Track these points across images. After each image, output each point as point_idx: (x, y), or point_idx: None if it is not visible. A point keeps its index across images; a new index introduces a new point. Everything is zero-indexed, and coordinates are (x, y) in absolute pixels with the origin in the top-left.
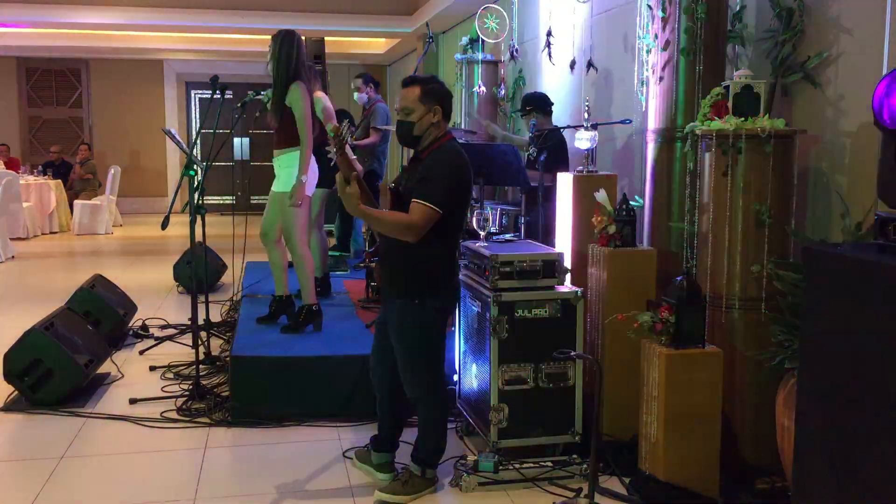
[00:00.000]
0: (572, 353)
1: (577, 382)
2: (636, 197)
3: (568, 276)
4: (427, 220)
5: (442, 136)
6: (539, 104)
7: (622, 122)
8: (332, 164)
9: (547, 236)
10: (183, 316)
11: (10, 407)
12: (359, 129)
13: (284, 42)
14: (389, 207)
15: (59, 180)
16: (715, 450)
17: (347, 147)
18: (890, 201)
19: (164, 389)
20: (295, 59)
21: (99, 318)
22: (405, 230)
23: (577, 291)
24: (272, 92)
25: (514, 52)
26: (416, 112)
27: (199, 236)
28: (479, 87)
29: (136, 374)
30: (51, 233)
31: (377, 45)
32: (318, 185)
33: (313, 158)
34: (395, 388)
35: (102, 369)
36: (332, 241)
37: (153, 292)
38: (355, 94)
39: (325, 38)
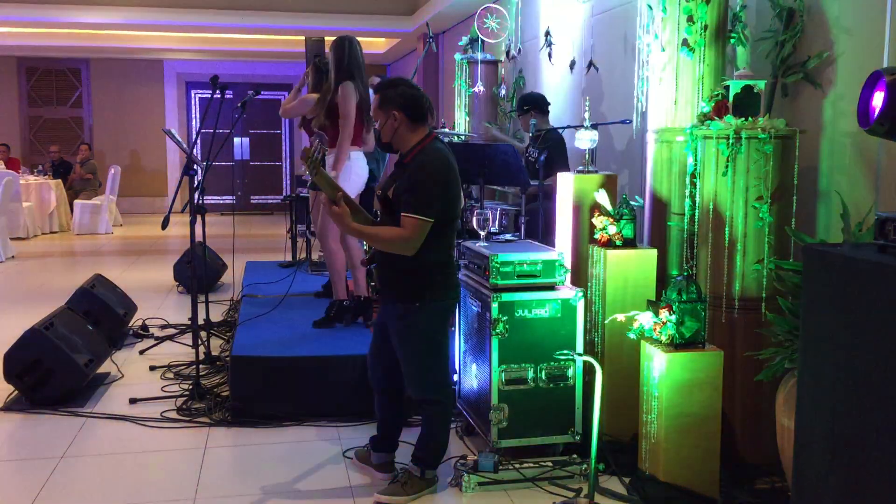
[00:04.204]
0: (572, 353)
1: (577, 382)
2: (636, 197)
3: (568, 276)
4: (420, 233)
5: (424, 139)
6: (537, 104)
7: (622, 122)
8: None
9: (547, 236)
10: (183, 316)
11: (10, 407)
12: None
13: (336, 47)
14: (380, 213)
15: (59, 180)
16: (715, 450)
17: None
18: None
19: (164, 389)
20: (346, 60)
21: (99, 318)
22: (401, 245)
23: (577, 291)
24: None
25: (515, 53)
26: (378, 121)
27: (199, 236)
28: (479, 87)
29: (136, 374)
30: (51, 233)
31: (377, 45)
32: None
33: (361, 160)
34: (394, 389)
35: (102, 369)
36: None
37: (153, 292)
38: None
39: (326, 38)
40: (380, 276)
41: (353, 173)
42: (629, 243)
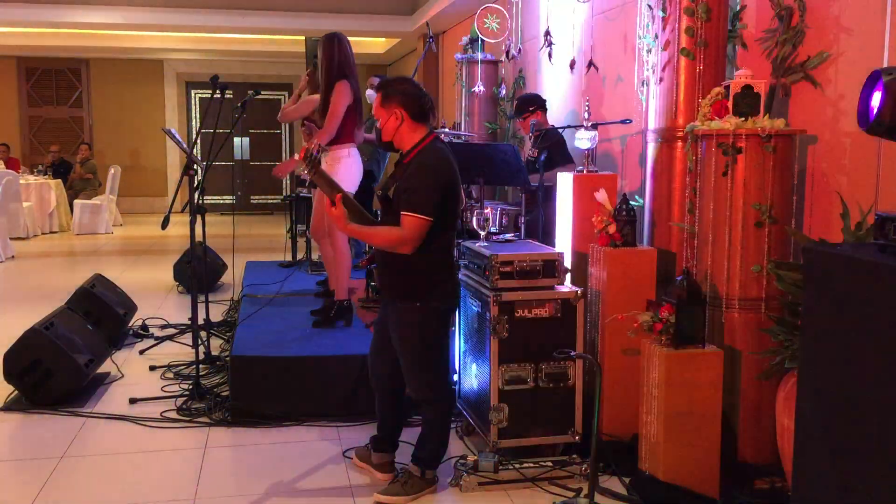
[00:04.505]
0: (572, 353)
1: (577, 382)
2: (636, 197)
3: (568, 276)
4: (419, 232)
5: (424, 138)
6: (538, 103)
7: (622, 122)
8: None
9: (547, 236)
10: (183, 316)
11: (10, 407)
12: (364, 125)
13: (325, 45)
14: (380, 213)
15: (59, 180)
16: (715, 450)
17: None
18: None
19: (164, 389)
20: (336, 58)
21: (99, 318)
22: (399, 244)
23: (577, 291)
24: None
25: (515, 53)
26: (380, 119)
27: (199, 236)
28: (479, 87)
29: (136, 374)
30: (51, 233)
31: (377, 45)
32: None
33: (357, 157)
34: (395, 388)
35: (102, 369)
36: None
37: (153, 292)
38: (368, 91)
39: None
40: (380, 277)
41: (354, 170)
42: (629, 243)
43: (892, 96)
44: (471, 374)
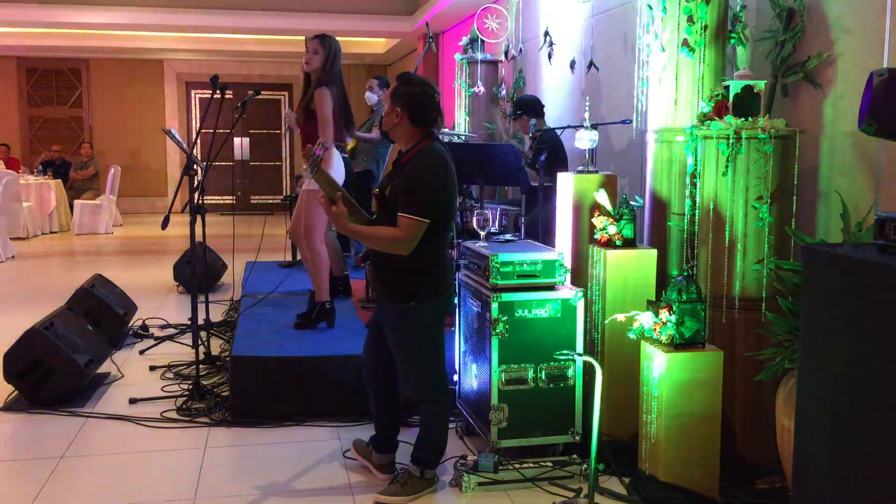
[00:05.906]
0: (572, 353)
1: (577, 382)
2: (636, 197)
3: (568, 276)
4: (416, 233)
5: (423, 139)
6: (529, 107)
7: (622, 122)
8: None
9: (547, 236)
10: (183, 316)
11: (10, 407)
12: (363, 127)
13: (328, 46)
14: (376, 212)
15: (59, 180)
16: (715, 450)
17: (335, 164)
18: None
19: (164, 389)
20: (330, 66)
21: (99, 318)
22: (396, 246)
23: (577, 291)
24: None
25: (515, 53)
26: (386, 107)
27: (199, 236)
28: (479, 87)
29: (136, 374)
30: (51, 233)
31: (377, 45)
32: None
33: (339, 159)
34: (389, 387)
35: (102, 369)
36: None
37: (153, 292)
38: (367, 93)
39: None
40: (374, 277)
41: (339, 172)
42: (629, 243)
43: (880, 96)
44: (471, 374)
